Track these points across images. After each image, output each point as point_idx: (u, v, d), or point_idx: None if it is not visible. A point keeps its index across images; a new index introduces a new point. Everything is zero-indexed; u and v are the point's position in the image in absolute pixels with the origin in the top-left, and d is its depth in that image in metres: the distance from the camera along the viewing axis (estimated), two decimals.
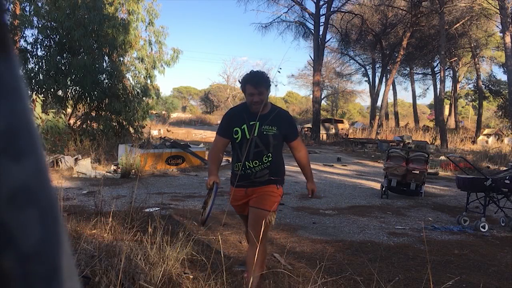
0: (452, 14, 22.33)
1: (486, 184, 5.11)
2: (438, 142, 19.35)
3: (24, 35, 12.30)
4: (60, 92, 12.33)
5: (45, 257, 0.24)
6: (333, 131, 25.30)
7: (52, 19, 11.79)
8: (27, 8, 12.23)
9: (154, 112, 22.37)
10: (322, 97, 34.77)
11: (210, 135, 20.96)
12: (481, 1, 19.39)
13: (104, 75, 12.46)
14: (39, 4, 12.10)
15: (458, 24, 23.22)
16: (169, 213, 4.90)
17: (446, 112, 32.30)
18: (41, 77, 11.78)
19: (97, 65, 11.93)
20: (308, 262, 3.48)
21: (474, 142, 21.81)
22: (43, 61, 12.13)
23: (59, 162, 8.55)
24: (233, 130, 2.66)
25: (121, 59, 13.09)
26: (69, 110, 13.29)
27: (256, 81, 2.57)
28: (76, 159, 8.69)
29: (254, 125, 2.63)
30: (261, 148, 2.64)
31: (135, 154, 8.52)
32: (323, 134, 23.92)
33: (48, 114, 10.15)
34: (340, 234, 4.64)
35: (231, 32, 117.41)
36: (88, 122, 12.60)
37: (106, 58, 12.65)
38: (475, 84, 31.75)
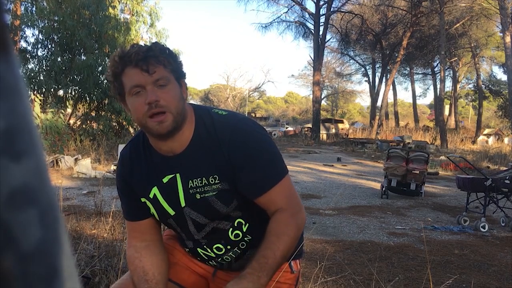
0: (452, 14, 22.32)
1: (486, 184, 5.11)
2: (438, 142, 19.36)
3: (25, 35, 12.34)
4: (61, 92, 12.37)
5: (45, 257, 0.24)
6: (333, 131, 25.32)
7: (54, 20, 11.81)
8: (29, 8, 12.27)
9: None
10: (322, 97, 34.78)
11: None
12: (481, 1, 19.39)
13: (104, 76, 12.49)
14: (42, 4, 12.12)
15: (458, 24, 23.22)
16: None
17: (446, 112, 32.31)
18: (41, 77, 11.80)
19: (100, 66, 11.96)
20: (308, 262, 3.48)
21: (474, 142, 21.82)
22: (44, 61, 12.15)
23: (59, 162, 8.55)
24: (141, 202, 1.26)
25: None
26: (69, 110, 13.31)
27: (143, 57, 1.07)
28: (76, 159, 8.69)
29: (173, 183, 1.21)
30: (212, 225, 1.24)
31: None
32: (323, 134, 23.93)
33: (47, 114, 10.16)
34: (340, 234, 4.64)
35: (231, 32, 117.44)
36: (88, 122, 12.62)
37: (107, 58, 12.67)
38: (475, 84, 31.77)
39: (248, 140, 1.18)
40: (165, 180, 1.21)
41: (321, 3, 22.25)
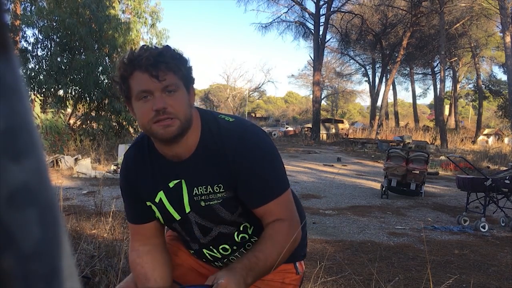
0: (452, 14, 22.33)
1: (486, 184, 5.11)
2: (438, 142, 19.36)
3: (25, 35, 12.34)
4: (61, 92, 12.37)
5: (45, 257, 0.24)
6: (333, 131, 25.32)
7: (53, 19, 11.80)
8: (28, 8, 12.27)
9: None
10: (322, 97, 34.79)
11: None
12: (481, 1, 19.39)
13: (104, 76, 12.49)
14: (41, 4, 12.12)
15: (458, 24, 23.22)
16: None
17: (446, 112, 32.31)
18: (41, 77, 11.80)
19: (100, 66, 11.96)
20: (308, 262, 3.48)
21: (474, 142, 21.81)
22: (44, 61, 12.16)
23: (59, 162, 8.55)
24: (146, 206, 1.25)
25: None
26: (69, 110, 13.31)
27: (153, 62, 1.05)
28: (76, 159, 8.69)
29: (179, 188, 1.20)
30: (218, 230, 1.24)
31: None
32: (323, 134, 23.93)
33: (47, 114, 10.17)
34: (340, 234, 4.64)
35: (231, 32, 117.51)
36: (88, 122, 12.62)
37: (107, 58, 12.68)
38: (475, 84, 31.78)
39: (254, 150, 1.16)
40: (171, 184, 1.20)
41: (321, 3, 22.26)
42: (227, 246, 1.27)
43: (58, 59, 11.81)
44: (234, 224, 1.23)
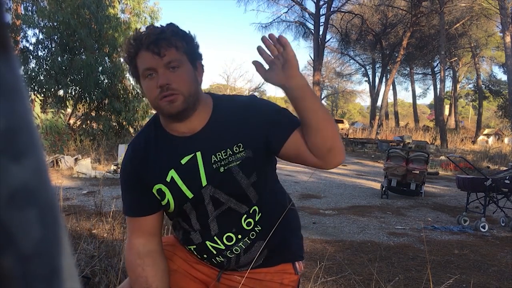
0: (452, 14, 22.32)
1: (486, 184, 5.11)
2: (438, 142, 19.35)
3: (26, 35, 12.34)
4: (61, 92, 12.37)
5: (45, 257, 0.24)
6: None
7: (55, 19, 11.81)
8: (29, 8, 12.27)
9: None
10: (322, 97, 34.79)
11: None
12: (481, 1, 19.40)
13: (104, 76, 12.50)
14: (42, 4, 12.12)
15: (458, 24, 23.22)
16: None
17: (446, 112, 32.31)
18: (41, 77, 11.80)
19: (100, 66, 11.96)
20: (308, 262, 3.48)
21: (474, 142, 21.81)
22: (44, 61, 12.16)
23: (59, 162, 8.55)
24: (153, 191, 1.21)
25: (121, 59, 13.13)
26: (69, 110, 13.31)
27: (154, 39, 1.08)
28: (76, 159, 8.69)
29: (193, 163, 1.18)
30: (230, 205, 1.21)
31: None
32: None
33: (47, 114, 10.17)
34: (340, 234, 4.64)
35: (231, 32, 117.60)
36: (88, 122, 12.62)
37: (107, 58, 12.69)
38: (475, 84, 31.79)
39: (268, 102, 1.26)
40: (183, 161, 1.19)
41: (321, 3, 22.25)
42: (232, 235, 1.24)
43: (59, 59, 11.81)
44: (246, 201, 1.22)
